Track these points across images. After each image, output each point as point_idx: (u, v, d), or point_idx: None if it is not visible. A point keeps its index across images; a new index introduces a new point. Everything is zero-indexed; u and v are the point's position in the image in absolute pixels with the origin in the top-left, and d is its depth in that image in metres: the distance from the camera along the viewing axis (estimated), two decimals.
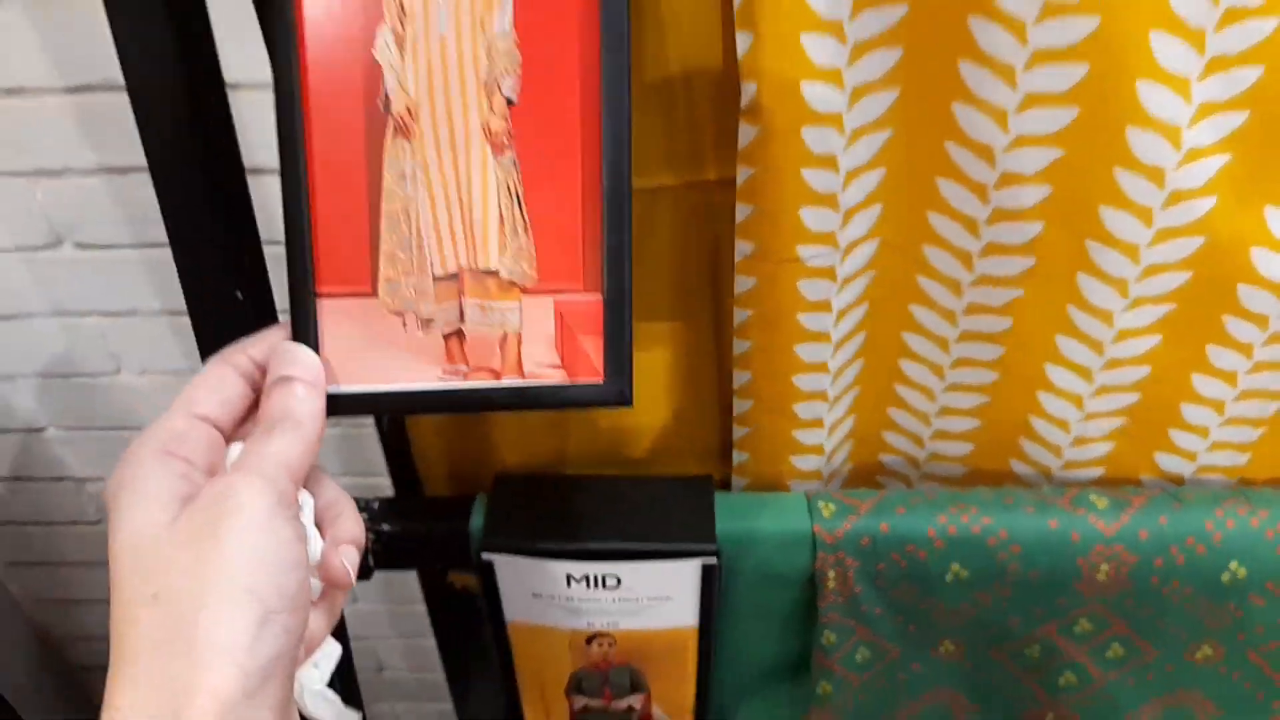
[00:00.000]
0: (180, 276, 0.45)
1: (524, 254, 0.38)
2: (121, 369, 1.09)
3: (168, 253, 0.99)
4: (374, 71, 0.36)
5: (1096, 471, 0.55)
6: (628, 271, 0.37)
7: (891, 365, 0.53)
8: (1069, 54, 0.39)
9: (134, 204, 0.94)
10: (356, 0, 0.36)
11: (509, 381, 0.38)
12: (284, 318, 0.46)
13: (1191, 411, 0.51)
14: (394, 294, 0.38)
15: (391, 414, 0.56)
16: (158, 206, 0.98)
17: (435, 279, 0.38)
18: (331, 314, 0.37)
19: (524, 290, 0.38)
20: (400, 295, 0.38)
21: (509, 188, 0.37)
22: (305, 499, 0.36)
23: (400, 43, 0.36)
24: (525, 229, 0.38)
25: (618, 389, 0.38)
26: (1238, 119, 0.40)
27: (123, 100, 0.91)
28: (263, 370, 0.36)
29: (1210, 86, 0.39)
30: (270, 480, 0.32)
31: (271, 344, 0.37)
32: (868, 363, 0.53)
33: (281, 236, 0.37)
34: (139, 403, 1.12)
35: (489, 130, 0.37)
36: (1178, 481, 0.54)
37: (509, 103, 0.37)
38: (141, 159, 0.95)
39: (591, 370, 0.38)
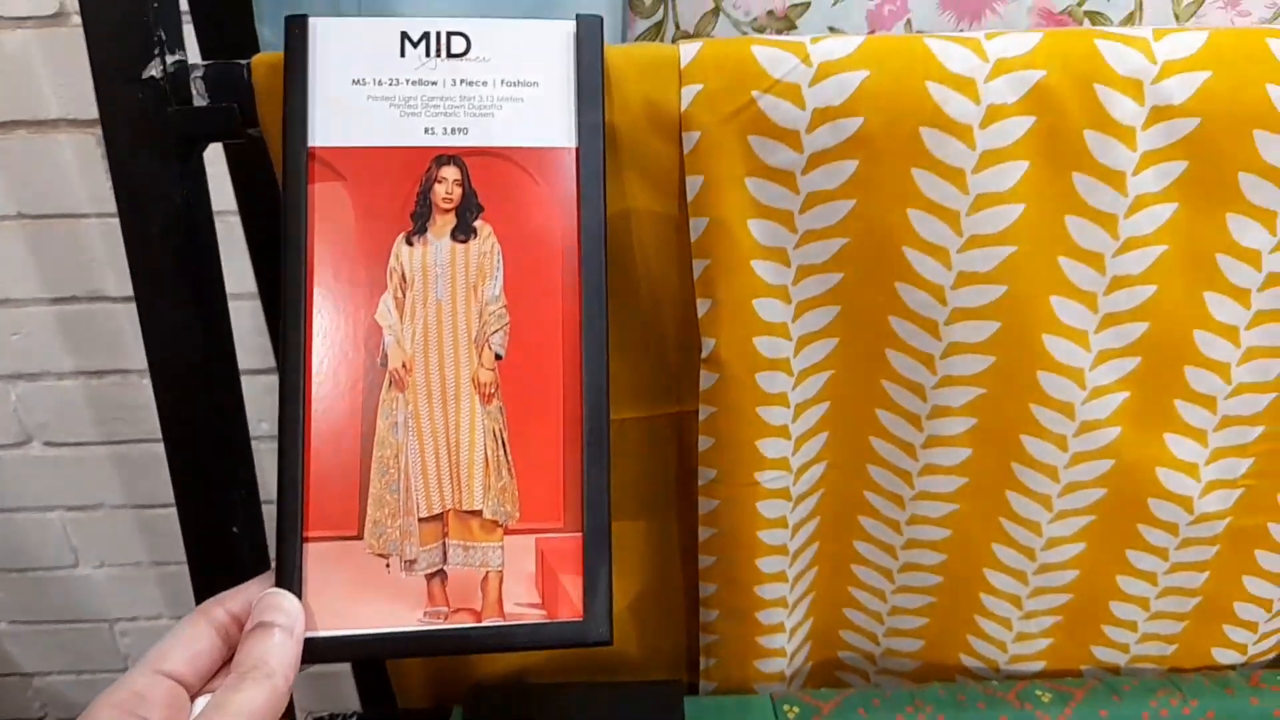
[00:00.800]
0: (179, 512, 0.48)
1: (508, 494, 0.41)
2: (80, 562, 1.09)
3: (136, 449, 1.01)
4: (375, 332, 0.40)
5: (1039, 665, 0.58)
6: (607, 511, 0.40)
7: (845, 571, 0.57)
8: (982, 313, 0.45)
9: (106, 404, 0.97)
10: (362, 272, 0.40)
11: (490, 622, 0.40)
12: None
13: (1120, 608, 0.55)
14: (380, 536, 0.40)
15: (372, 658, 0.57)
16: (130, 406, 1.01)
17: (421, 520, 0.40)
18: (317, 558, 0.39)
19: (507, 530, 0.40)
20: (386, 537, 0.40)
21: (495, 433, 0.41)
22: None
23: (400, 307, 0.41)
24: (510, 470, 0.41)
25: (597, 628, 0.40)
26: (1131, 363, 0.47)
27: (104, 309, 0.95)
28: (239, 623, 0.37)
29: (1106, 338, 0.46)
30: None
31: (250, 596, 0.38)
32: (823, 570, 0.57)
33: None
34: (94, 595, 1.12)
35: (478, 382, 0.41)
36: (1114, 671, 0.58)
37: (497, 357, 0.41)
38: (118, 362, 0.98)
39: (571, 609, 0.40)
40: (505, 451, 0.41)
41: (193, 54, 0.43)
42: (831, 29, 0.48)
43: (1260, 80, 0.42)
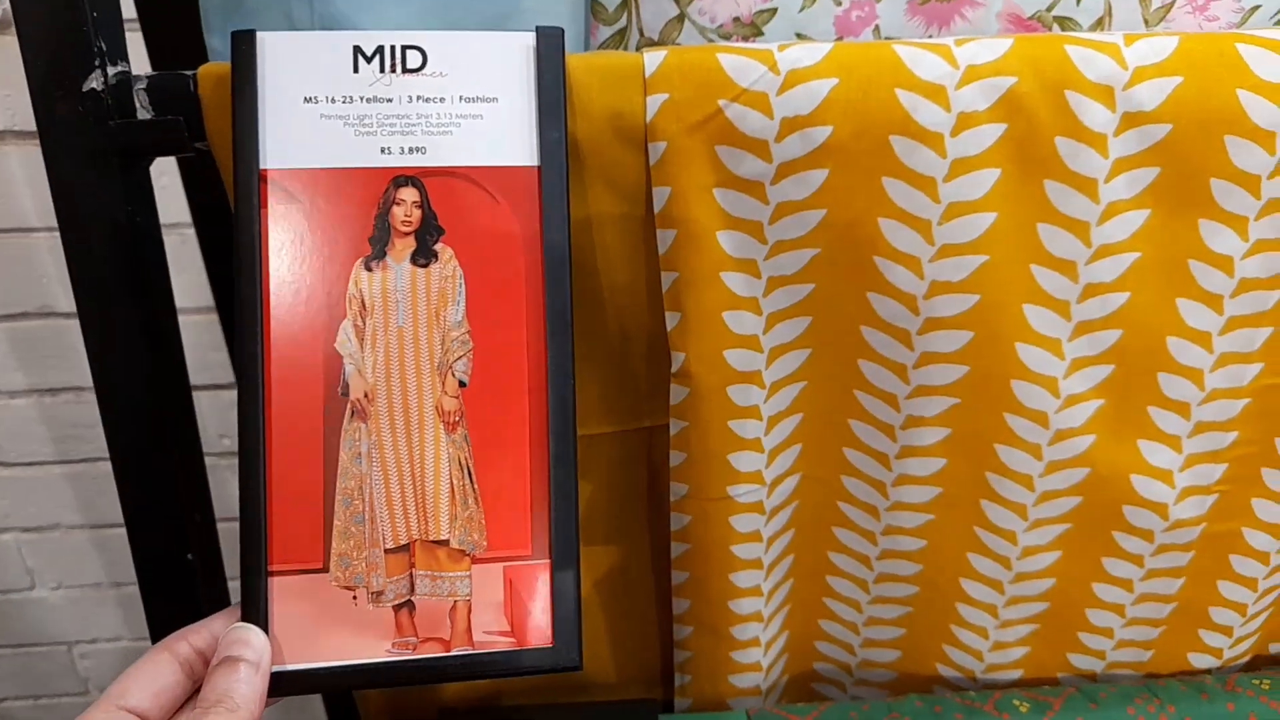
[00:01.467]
0: (131, 540, 0.46)
1: (474, 523, 0.40)
2: (36, 584, 1.06)
3: (93, 467, 0.99)
4: (335, 361, 0.39)
5: (1016, 673, 0.58)
6: (575, 537, 0.40)
7: (820, 583, 0.56)
8: (955, 322, 0.44)
9: (61, 422, 0.94)
10: (320, 299, 0.39)
11: (459, 652, 0.39)
12: (233, 583, 0.47)
13: (1096, 616, 0.55)
14: (346, 569, 0.39)
15: (341, 690, 0.56)
16: (85, 424, 0.98)
17: (387, 551, 0.39)
18: (282, 591, 0.38)
19: (474, 559, 0.40)
20: (352, 569, 0.39)
21: (460, 462, 0.40)
22: None
23: (360, 335, 0.39)
24: (476, 499, 0.40)
25: (567, 654, 0.39)
26: (1105, 371, 0.46)
27: (56, 325, 0.93)
28: (204, 658, 0.37)
29: (1079, 346, 0.45)
30: None
31: (215, 630, 0.37)
32: (798, 582, 0.56)
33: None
34: (51, 618, 1.09)
35: (442, 410, 0.40)
36: (1091, 679, 0.58)
37: (461, 384, 0.40)
38: (72, 379, 0.96)
39: (541, 636, 0.39)
40: (471, 480, 0.40)
41: (142, 64, 0.41)
42: (799, 35, 0.47)
43: (1231, 85, 0.41)
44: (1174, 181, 0.43)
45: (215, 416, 0.87)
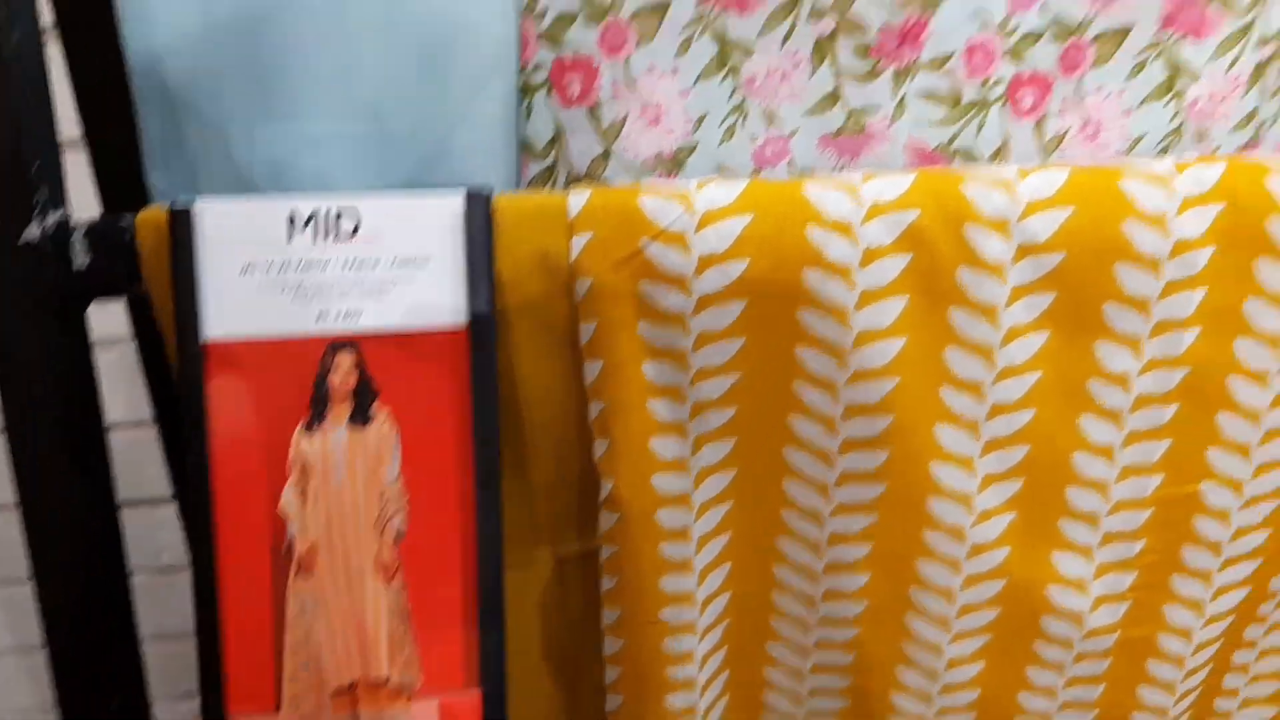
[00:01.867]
0: (55, 683, 0.45)
1: (411, 664, 0.42)
2: None
3: (23, 589, 0.96)
4: (280, 523, 0.41)
5: None
6: (503, 666, 0.42)
7: (755, 700, 0.57)
8: (871, 443, 0.46)
9: None
10: (264, 464, 0.40)
11: None
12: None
13: None
14: (296, 709, 0.41)
15: None
16: (12, 542, 0.95)
17: (332, 695, 0.42)
18: None
19: (411, 695, 0.42)
20: (302, 711, 0.41)
21: (398, 609, 0.42)
22: None
23: (302, 495, 0.41)
24: (412, 643, 0.42)
25: None
26: (1015, 485, 0.48)
27: None
28: None
29: (989, 462, 0.47)
30: None
31: None
32: (733, 699, 0.56)
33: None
34: None
35: (380, 563, 0.42)
36: None
37: (398, 536, 0.42)
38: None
39: None
40: (407, 625, 0.42)
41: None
42: (721, 167, 0.50)
43: (1116, 217, 0.45)
44: (1069, 306, 0.46)
45: (150, 533, 0.85)
